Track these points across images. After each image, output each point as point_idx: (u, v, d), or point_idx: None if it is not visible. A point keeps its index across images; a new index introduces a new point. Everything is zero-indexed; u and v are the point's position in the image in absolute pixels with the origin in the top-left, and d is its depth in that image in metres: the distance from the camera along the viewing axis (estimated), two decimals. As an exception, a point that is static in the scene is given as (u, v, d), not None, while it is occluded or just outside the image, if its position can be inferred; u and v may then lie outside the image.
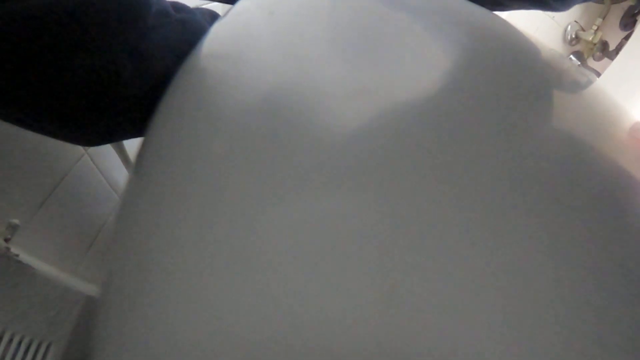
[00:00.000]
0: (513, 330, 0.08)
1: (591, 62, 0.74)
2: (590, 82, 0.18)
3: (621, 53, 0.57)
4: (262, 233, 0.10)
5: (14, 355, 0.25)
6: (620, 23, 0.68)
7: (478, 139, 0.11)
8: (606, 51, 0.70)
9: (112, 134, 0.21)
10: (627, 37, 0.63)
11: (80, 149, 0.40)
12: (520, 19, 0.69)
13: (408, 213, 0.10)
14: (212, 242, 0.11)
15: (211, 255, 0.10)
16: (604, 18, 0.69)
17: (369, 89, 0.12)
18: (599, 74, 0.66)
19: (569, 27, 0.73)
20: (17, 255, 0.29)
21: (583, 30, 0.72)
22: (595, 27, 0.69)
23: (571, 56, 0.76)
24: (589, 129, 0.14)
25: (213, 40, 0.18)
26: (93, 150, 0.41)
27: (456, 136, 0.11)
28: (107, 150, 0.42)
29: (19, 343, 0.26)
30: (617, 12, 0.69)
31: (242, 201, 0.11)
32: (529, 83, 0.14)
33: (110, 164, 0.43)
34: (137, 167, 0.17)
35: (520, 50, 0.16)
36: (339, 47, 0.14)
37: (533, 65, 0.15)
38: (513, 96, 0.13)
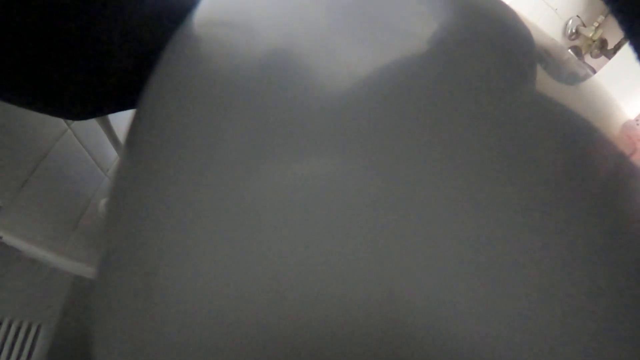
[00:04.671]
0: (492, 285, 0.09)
1: (588, 59, 0.74)
2: (588, 76, 0.18)
3: (619, 53, 0.57)
4: (259, 195, 0.10)
5: (5, 337, 0.25)
6: (621, 22, 0.67)
7: (470, 110, 0.11)
8: (604, 49, 0.71)
9: (101, 108, 0.20)
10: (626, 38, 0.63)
11: (62, 124, 0.38)
12: (523, 9, 0.67)
13: (400, 173, 0.10)
14: (213, 209, 0.11)
15: (212, 222, 0.10)
16: (606, 16, 0.68)
17: (366, 55, 0.12)
18: (594, 72, 0.66)
19: (570, 21, 0.73)
20: (0, 238, 0.28)
21: (584, 25, 0.72)
22: (596, 24, 0.69)
23: (568, 50, 0.76)
24: (583, 119, 0.14)
25: (208, 6, 0.17)
26: (76, 125, 0.39)
27: (449, 104, 0.11)
28: (91, 125, 0.40)
29: (9, 325, 0.26)
30: (620, 11, 0.68)
31: (240, 164, 0.11)
32: (521, 60, 0.14)
33: (94, 138, 0.41)
34: (130, 141, 0.16)
35: (517, 31, 0.15)
36: (339, 14, 0.14)
37: (528, 46, 0.15)
38: (507, 72, 0.13)
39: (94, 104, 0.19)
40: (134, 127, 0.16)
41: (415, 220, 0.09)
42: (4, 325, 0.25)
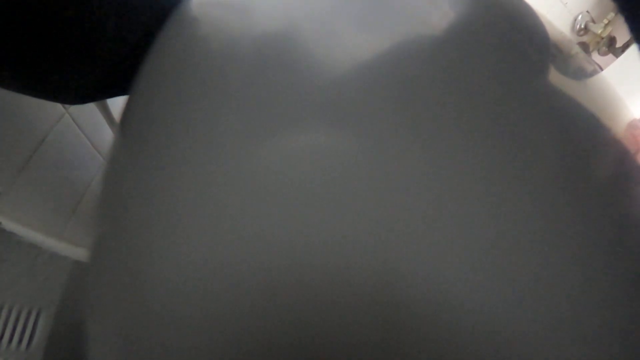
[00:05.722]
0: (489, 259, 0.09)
1: (595, 56, 0.73)
2: (595, 72, 0.18)
3: (627, 52, 0.56)
4: (257, 169, 0.10)
5: (5, 323, 0.25)
6: (632, 20, 0.66)
7: (474, 95, 0.11)
8: (612, 47, 0.70)
9: (96, 93, 0.20)
10: (635, 35, 0.62)
11: (60, 108, 0.37)
12: (531, 1, 0.66)
13: (399, 150, 0.10)
14: (206, 187, 0.10)
15: (206, 198, 0.10)
16: (616, 13, 0.67)
17: (370, 38, 0.12)
18: (601, 69, 0.65)
19: (580, 16, 0.71)
20: None
21: (593, 22, 0.70)
22: (606, 21, 0.68)
23: (576, 45, 0.74)
24: (589, 114, 0.14)
25: None
26: (74, 109, 0.39)
27: (453, 87, 0.11)
28: (89, 109, 0.40)
29: (9, 311, 0.26)
30: (631, 8, 0.67)
31: (235, 140, 0.11)
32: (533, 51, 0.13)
33: (93, 122, 0.41)
34: (123, 124, 0.16)
35: (529, 21, 0.15)
36: None
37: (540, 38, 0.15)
38: (516, 60, 0.12)
39: (91, 88, 0.19)
40: (128, 109, 0.16)
41: (413, 195, 0.09)
42: (4, 311, 0.26)
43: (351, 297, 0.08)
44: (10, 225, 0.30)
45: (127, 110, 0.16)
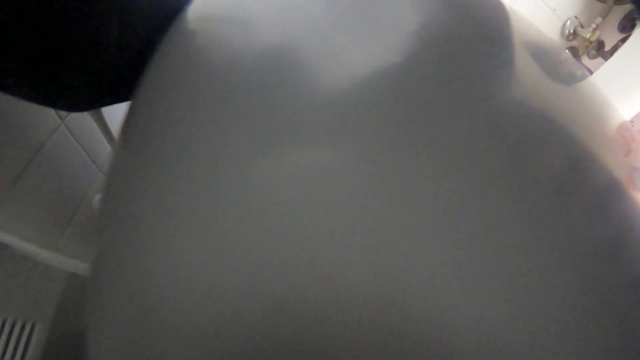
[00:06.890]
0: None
1: (585, 60, 0.74)
2: (585, 76, 0.18)
3: (615, 55, 0.58)
4: (259, 186, 0.10)
5: (-3, 336, 0.25)
6: (618, 25, 0.68)
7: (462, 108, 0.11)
8: (601, 51, 0.71)
9: (97, 99, 0.20)
10: (623, 40, 0.64)
11: (56, 118, 0.37)
12: (521, 9, 0.67)
13: (392, 164, 0.10)
14: (208, 201, 0.11)
15: (208, 214, 0.10)
16: (604, 17, 0.69)
17: (364, 52, 0.12)
18: (591, 73, 0.67)
19: (569, 22, 0.73)
20: (-7, 235, 0.28)
21: (582, 26, 0.72)
22: (594, 26, 0.69)
23: (566, 51, 0.76)
24: (579, 120, 0.14)
25: (203, 1, 0.17)
26: (70, 120, 0.39)
27: (440, 102, 0.11)
28: (85, 120, 0.40)
29: (3, 324, 0.25)
30: (618, 13, 0.69)
31: (237, 156, 0.11)
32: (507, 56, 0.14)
33: (88, 134, 0.41)
34: (125, 135, 0.16)
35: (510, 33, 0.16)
36: (338, 12, 0.14)
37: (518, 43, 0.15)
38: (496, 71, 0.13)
39: (91, 94, 0.19)
40: (129, 121, 0.16)
41: (410, 209, 0.09)
42: (-2, 324, 0.25)
43: (355, 307, 0.08)
44: (4, 237, 0.29)
45: (129, 120, 0.16)
